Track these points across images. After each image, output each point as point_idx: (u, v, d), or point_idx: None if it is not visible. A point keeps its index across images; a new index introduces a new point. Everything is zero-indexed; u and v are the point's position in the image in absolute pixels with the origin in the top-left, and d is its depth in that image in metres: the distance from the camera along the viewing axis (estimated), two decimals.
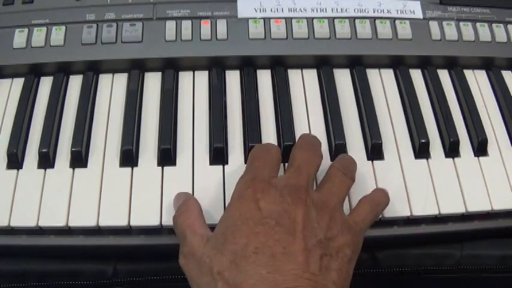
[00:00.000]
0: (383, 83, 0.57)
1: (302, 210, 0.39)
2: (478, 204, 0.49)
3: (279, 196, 0.40)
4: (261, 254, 0.37)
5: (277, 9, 0.58)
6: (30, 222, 0.46)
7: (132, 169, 0.49)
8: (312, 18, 0.57)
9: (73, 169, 0.49)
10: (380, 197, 0.46)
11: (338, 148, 0.50)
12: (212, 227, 0.42)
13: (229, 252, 0.38)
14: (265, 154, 0.45)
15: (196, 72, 0.56)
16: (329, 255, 0.38)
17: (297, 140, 0.48)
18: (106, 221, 0.46)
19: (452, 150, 0.52)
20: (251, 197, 0.40)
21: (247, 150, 0.50)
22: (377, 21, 0.58)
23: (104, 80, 0.55)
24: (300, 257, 0.37)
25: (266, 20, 0.57)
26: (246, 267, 0.37)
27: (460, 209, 0.48)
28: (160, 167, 0.49)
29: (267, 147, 0.46)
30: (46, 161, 0.49)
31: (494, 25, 0.59)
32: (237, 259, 0.37)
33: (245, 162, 0.49)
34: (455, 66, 0.58)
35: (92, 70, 0.55)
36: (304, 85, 0.56)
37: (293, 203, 0.40)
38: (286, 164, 0.47)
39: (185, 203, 0.44)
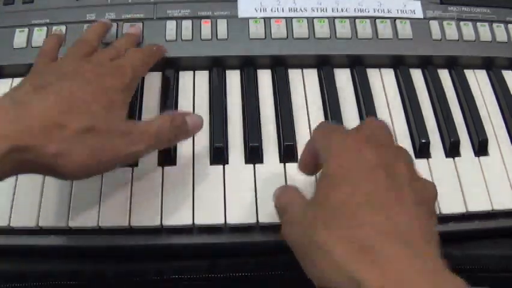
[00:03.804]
0: (383, 83, 0.57)
1: (403, 163, 0.38)
2: (479, 204, 0.49)
3: (378, 147, 0.38)
4: (374, 202, 0.35)
5: (277, 9, 0.57)
6: (31, 223, 0.46)
7: (133, 169, 0.49)
8: (313, 18, 0.57)
9: None
10: None
11: None
12: (213, 227, 0.42)
13: (336, 202, 0.35)
14: (328, 126, 0.43)
15: (196, 72, 0.56)
16: (425, 210, 0.37)
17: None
18: (106, 221, 0.46)
19: (452, 150, 0.52)
20: (353, 147, 0.38)
21: (247, 150, 0.50)
22: (378, 21, 0.58)
23: None
24: (412, 209, 0.35)
25: (266, 20, 0.57)
26: (358, 216, 0.34)
27: (460, 209, 0.48)
28: (161, 167, 0.49)
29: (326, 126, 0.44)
30: None
31: (494, 25, 0.59)
32: (344, 208, 0.35)
33: (245, 162, 0.49)
34: (456, 65, 0.58)
35: None
36: (304, 85, 0.56)
37: (395, 155, 0.38)
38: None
39: (283, 187, 0.43)
